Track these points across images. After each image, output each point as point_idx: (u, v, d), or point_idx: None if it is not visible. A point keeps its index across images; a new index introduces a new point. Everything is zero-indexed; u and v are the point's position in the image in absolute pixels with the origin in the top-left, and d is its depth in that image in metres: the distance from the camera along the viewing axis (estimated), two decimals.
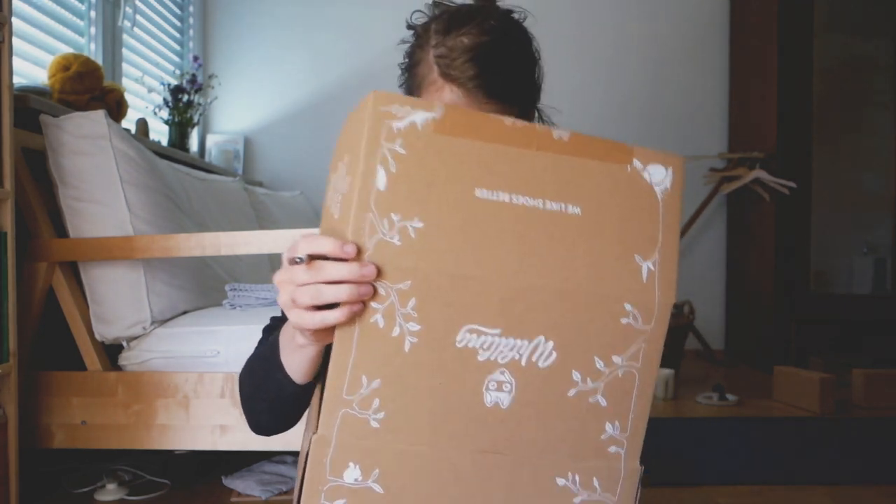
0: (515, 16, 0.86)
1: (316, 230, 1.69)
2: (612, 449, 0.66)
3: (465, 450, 0.63)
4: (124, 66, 2.79)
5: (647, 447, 0.94)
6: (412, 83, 0.85)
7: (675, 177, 0.64)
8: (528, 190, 0.60)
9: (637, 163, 0.63)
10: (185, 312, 1.71)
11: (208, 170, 2.95)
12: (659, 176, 0.64)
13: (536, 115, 0.91)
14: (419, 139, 0.58)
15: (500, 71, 0.80)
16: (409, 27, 0.87)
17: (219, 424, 1.57)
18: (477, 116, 0.60)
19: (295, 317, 0.61)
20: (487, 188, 0.59)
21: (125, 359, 1.64)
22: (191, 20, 3.61)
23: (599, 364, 0.63)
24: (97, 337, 1.65)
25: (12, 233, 1.45)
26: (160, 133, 3.07)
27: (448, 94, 0.80)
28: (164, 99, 2.95)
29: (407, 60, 0.87)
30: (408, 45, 0.87)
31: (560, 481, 0.66)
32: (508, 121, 0.60)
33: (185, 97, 2.97)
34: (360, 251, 0.57)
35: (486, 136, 0.59)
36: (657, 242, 0.63)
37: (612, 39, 3.87)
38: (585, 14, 3.84)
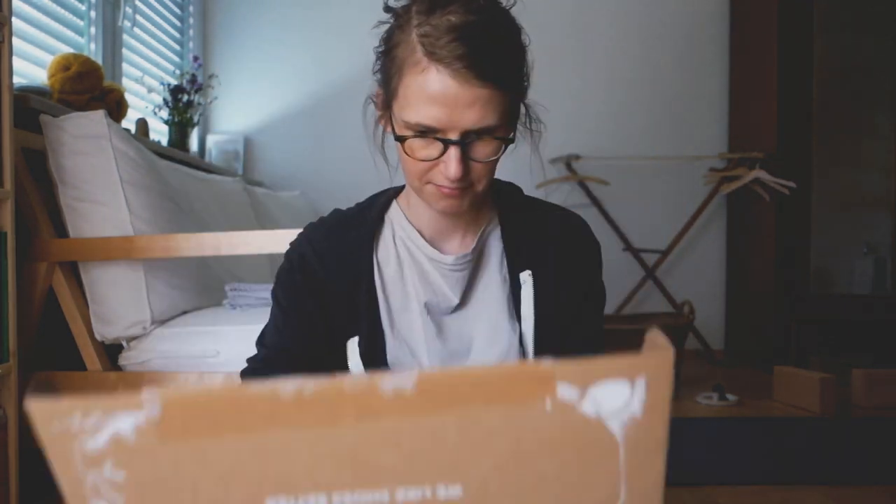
0: (502, 2, 0.81)
1: None
2: None
3: None
4: (124, 66, 2.79)
5: None
6: (390, 68, 0.80)
7: (650, 391, 0.37)
8: (361, 480, 0.36)
9: (566, 391, 0.37)
10: (185, 312, 1.71)
11: (208, 170, 2.95)
12: (616, 400, 0.37)
13: (524, 110, 0.88)
14: (138, 453, 0.35)
15: (491, 52, 0.74)
16: (387, 9, 0.81)
17: None
18: (223, 396, 0.35)
19: None
20: (285, 495, 0.36)
21: (125, 359, 1.64)
22: (191, 20, 3.61)
23: None
24: (97, 337, 1.65)
25: (12, 233, 1.45)
26: (160, 133, 3.07)
27: (434, 75, 0.74)
28: (164, 99, 2.95)
29: (383, 45, 0.82)
30: (384, 28, 0.82)
31: None
32: (288, 389, 0.35)
33: (185, 97, 2.96)
34: None
35: (255, 422, 0.35)
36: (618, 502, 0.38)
37: (611, 39, 3.87)
38: (585, 14, 3.84)
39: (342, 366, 0.88)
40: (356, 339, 0.87)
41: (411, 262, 0.90)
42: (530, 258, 0.89)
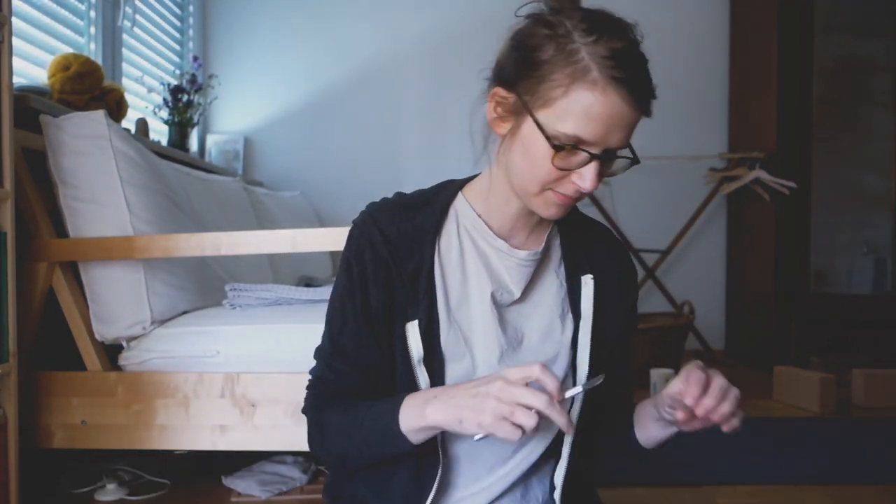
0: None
1: (315, 230, 1.67)
2: None
3: None
4: (124, 66, 2.79)
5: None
6: (543, 77, 0.80)
7: None
8: None
9: None
10: (185, 312, 1.71)
11: (208, 170, 2.95)
12: None
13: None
14: None
15: (649, 79, 0.83)
16: (538, 18, 0.83)
17: (218, 424, 1.57)
18: None
19: (502, 429, 0.74)
20: None
21: (125, 359, 1.64)
22: (191, 20, 3.61)
23: None
24: (97, 337, 1.64)
25: (12, 233, 1.45)
26: (160, 133, 3.07)
27: (611, 96, 0.77)
28: (164, 99, 2.95)
29: (524, 51, 0.82)
30: (521, 30, 0.84)
31: None
32: None
33: (185, 97, 2.97)
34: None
35: None
36: None
37: None
38: None
39: (399, 348, 0.90)
40: (416, 322, 0.89)
41: (475, 253, 0.93)
42: (588, 265, 0.96)
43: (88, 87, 2.08)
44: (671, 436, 0.93)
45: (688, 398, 0.81)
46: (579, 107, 0.78)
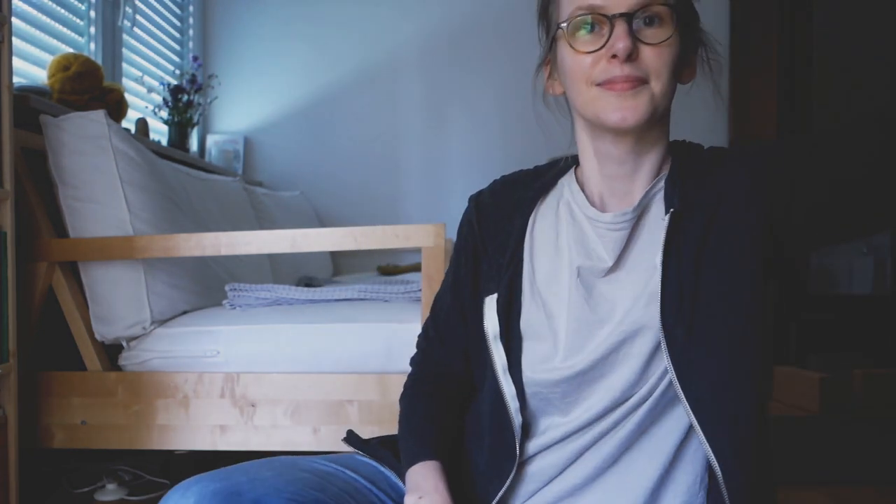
0: None
1: (316, 230, 1.68)
2: None
3: None
4: (124, 66, 2.79)
5: None
6: (548, 7, 0.84)
7: None
8: None
9: None
10: (185, 312, 1.71)
11: (208, 170, 2.95)
12: None
13: (700, 39, 0.88)
14: None
15: None
16: None
17: (218, 424, 1.57)
18: None
19: None
20: None
21: (125, 359, 1.64)
22: (191, 20, 3.61)
23: None
24: (97, 337, 1.65)
25: (12, 233, 1.45)
26: (160, 133, 3.07)
27: None
28: (164, 99, 2.95)
29: (542, 5, 0.86)
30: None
31: None
32: None
33: (185, 97, 2.96)
34: None
35: None
36: None
37: None
38: None
39: (478, 322, 0.87)
40: (494, 296, 0.85)
41: (571, 225, 0.85)
42: (683, 199, 0.79)
43: (88, 87, 2.08)
44: None
45: None
46: None
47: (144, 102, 2.96)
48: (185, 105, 2.97)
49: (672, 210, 0.78)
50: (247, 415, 1.56)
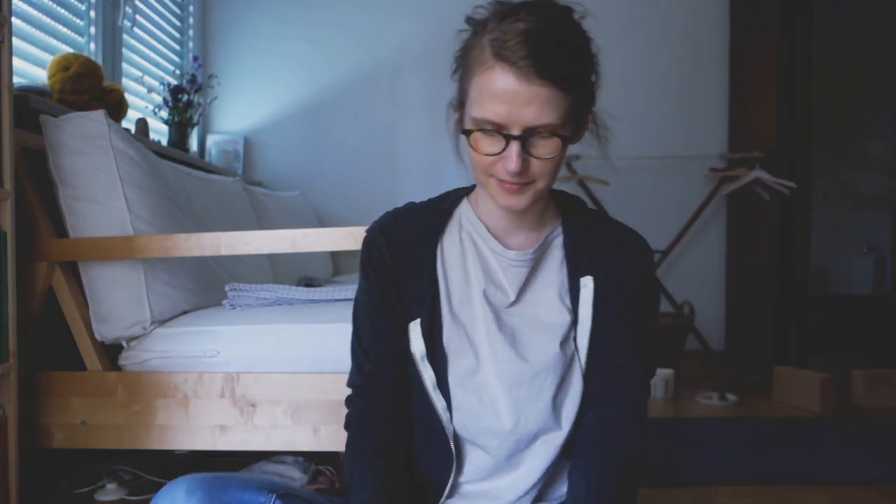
0: (575, 15, 0.87)
1: (315, 230, 1.69)
2: None
3: None
4: (124, 66, 2.79)
5: (647, 447, 0.95)
6: (464, 71, 0.88)
7: None
8: None
9: None
10: (185, 312, 1.71)
11: (208, 170, 2.95)
12: None
13: (591, 119, 0.95)
14: None
15: (553, 53, 0.80)
16: (468, 20, 0.89)
17: (218, 424, 1.57)
18: None
19: None
20: None
21: (125, 359, 1.64)
22: (191, 20, 3.61)
23: None
24: (97, 337, 1.64)
25: (12, 233, 1.45)
26: (160, 133, 3.07)
27: (498, 72, 0.81)
28: (164, 99, 2.95)
29: (461, 52, 0.90)
30: (465, 37, 0.90)
31: None
32: None
33: (185, 97, 2.96)
34: None
35: None
36: None
37: (612, 40, 3.86)
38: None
39: (407, 346, 0.95)
40: (418, 321, 0.95)
41: (475, 253, 0.96)
42: (590, 264, 0.95)
43: (88, 87, 2.08)
44: None
45: None
46: (479, 89, 0.83)
47: (144, 102, 2.96)
48: (185, 105, 2.97)
49: (594, 277, 0.94)
50: (247, 415, 1.56)
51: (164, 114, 2.98)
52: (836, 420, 2.51)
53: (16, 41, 1.85)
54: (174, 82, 3.03)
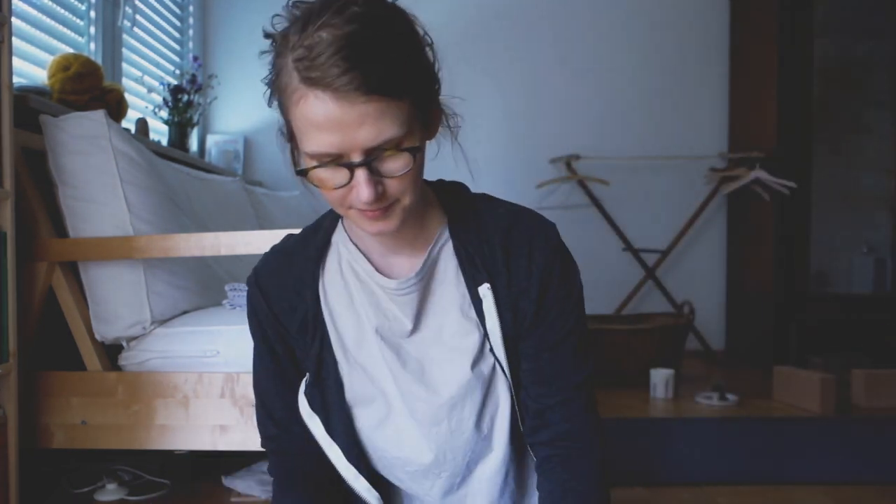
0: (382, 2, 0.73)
1: None
2: None
3: None
4: (124, 66, 2.79)
5: (647, 447, 0.94)
6: (279, 100, 0.74)
7: None
8: None
9: None
10: (185, 312, 1.71)
11: (208, 170, 2.95)
12: None
13: (440, 112, 0.82)
14: None
15: (377, 59, 0.67)
16: (266, 35, 0.74)
17: (218, 424, 1.57)
18: None
19: None
20: None
21: (125, 359, 1.64)
22: (191, 20, 3.61)
23: None
24: (97, 337, 1.64)
25: (12, 233, 1.45)
26: (160, 133, 3.07)
27: (313, 101, 0.68)
28: (164, 99, 2.95)
29: (271, 76, 0.75)
30: (269, 57, 0.75)
31: None
32: None
33: (185, 97, 2.96)
34: None
35: None
36: None
37: (612, 39, 3.87)
38: (585, 14, 3.84)
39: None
40: (306, 377, 0.86)
41: (360, 288, 0.86)
42: (487, 269, 0.83)
43: (88, 87, 2.08)
44: None
45: None
46: (300, 123, 0.71)
47: (144, 102, 2.96)
48: (185, 105, 2.97)
49: (491, 283, 0.83)
50: (247, 415, 1.56)
51: (164, 114, 2.98)
52: (836, 420, 2.51)
53: (16, 41, 1.85)
54: (174, 82, 3.03)
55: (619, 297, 3.70)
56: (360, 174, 0.71)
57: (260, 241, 1.59)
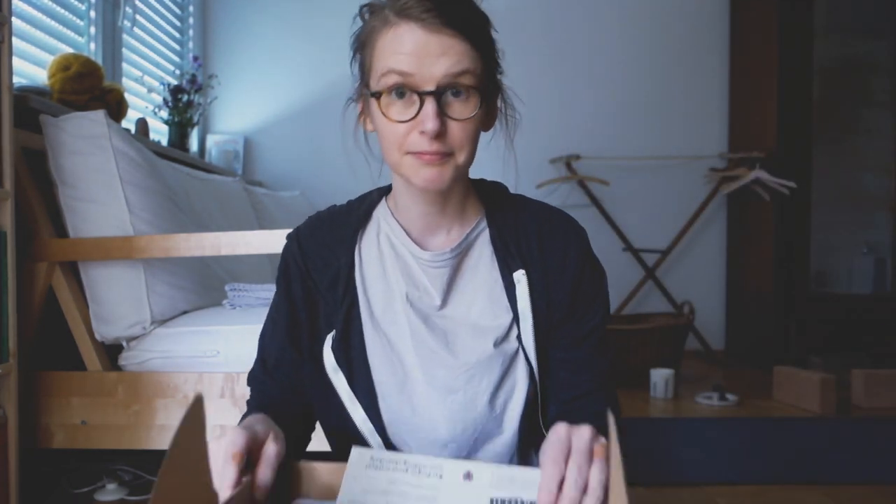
0: None
1: None
2: None
3: None
4: (124, 66, 2.79)
5: (647, 447, 0.94)
6: (364, 46, 0.83)
7: None
8: None
9: None
10: (185, 312, 1.71)
11: (208, 170, 2.95)
12: None
13: (500, 97, 0.89)
14: None
15: (458, 5, 0.78)
16: (363, 7, 0.84)
17: (218, 424, 1.57)
18: None
19: None
20: None
21: (125, 359, 1.64)
22: (191, 20, 3.61)
23: None
24: (97, 337, 1.65)
25: (12, 233, 1.45)
26: (160, 133, 3.07)
27: (404, 28, 0.77)
28: (164, 99, 2.95)
29: (357, 34, 0.85)
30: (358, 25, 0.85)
31: None
32: None
33: (185, 97, 2.97)
34: None
35: None
36: None
37: (612, 39, 3.87)
38: (585, 14, 3.84)
39: (321, 356, 0.90)
40: (332, 333, 0.89)
41: (394, 258, 0.90)
42: (522, 257, 0.89)
43: (88, 87, 2.08)
44: None
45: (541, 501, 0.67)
46: (382, 51, 0.79)
47: (144, 102, 2.96)
48: (185, 105, 2.97)
49: (526, 270, 0.88)
50: None
51: (164, 114, 2.98)
52: (836, 420, 2.51)
53: (16, 41, 1.85)
54: (174, 82, 3.03)
55: (619, 297, 3.70)
56: (429, 104, 0.77)
57: (260, 241, 1.59)
